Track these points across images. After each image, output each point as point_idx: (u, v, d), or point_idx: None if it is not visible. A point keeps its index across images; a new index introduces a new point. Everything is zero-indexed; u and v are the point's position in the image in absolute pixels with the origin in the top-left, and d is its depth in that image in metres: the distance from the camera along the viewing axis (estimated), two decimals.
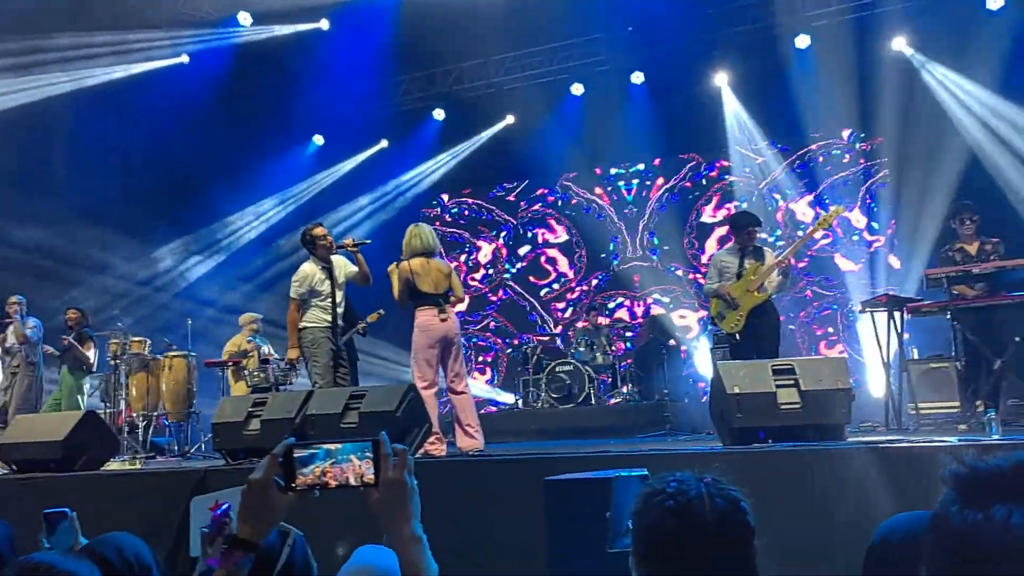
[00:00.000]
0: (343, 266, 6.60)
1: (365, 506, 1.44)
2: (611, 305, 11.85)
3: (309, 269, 6.45)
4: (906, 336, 6.91)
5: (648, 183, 11.92)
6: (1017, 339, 6.27)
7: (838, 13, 9.87)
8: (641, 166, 11.89)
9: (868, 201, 10.64)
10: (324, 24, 10.81)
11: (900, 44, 9.90)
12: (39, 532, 2.38)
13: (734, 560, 1.45)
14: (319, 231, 6.54)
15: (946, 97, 9.67)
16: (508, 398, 11.54)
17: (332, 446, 1.42)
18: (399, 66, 11.27)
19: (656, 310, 11.60)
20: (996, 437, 4.50)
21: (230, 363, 8.27)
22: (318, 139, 12.41)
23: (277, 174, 12.06)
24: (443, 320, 5.88)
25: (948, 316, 6.46)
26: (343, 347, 6.62)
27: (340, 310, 6.51)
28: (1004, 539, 0.69)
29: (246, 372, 8.08)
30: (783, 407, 4.54)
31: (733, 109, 10.90)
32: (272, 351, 8.73)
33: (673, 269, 11.59)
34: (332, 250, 6.53)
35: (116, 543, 2.08)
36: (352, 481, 1.41)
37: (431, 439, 5.52)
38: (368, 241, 6.76)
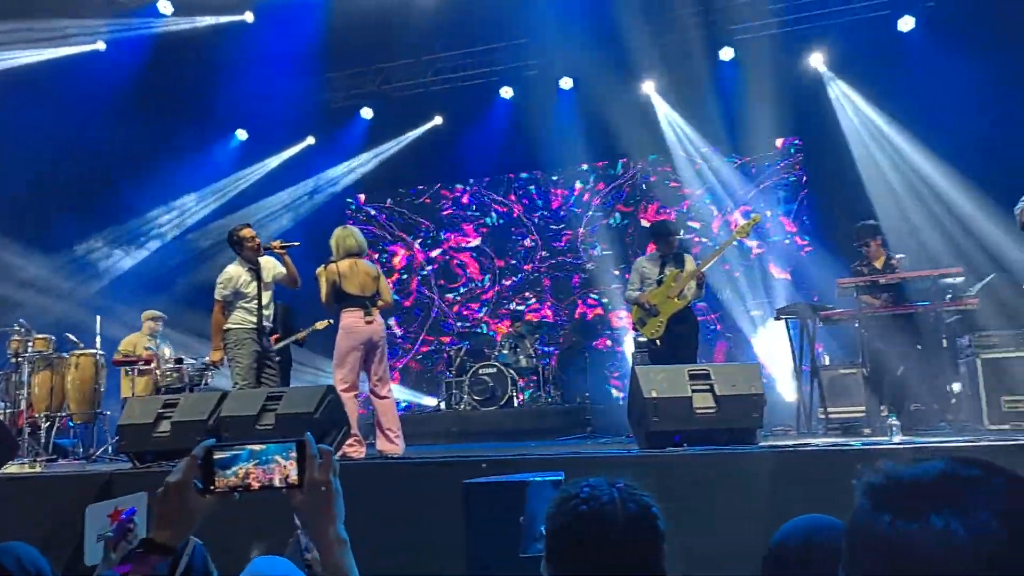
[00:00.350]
0: (271, 268, 6.49)
1: (273, 513, 1.41)
2: (518, 307, 11.90)
3: (234, 271, 6.33)
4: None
5: (588, 186, 12.04)
6: (919, 347, 6.58)
7: (762, 27, 10.14)
8: (585, 166, 11.94)
9: (799, 209, 10.95)
10: (249, 17, 10.55)
11: (817, 61, 10.26)
12: None
13: (644, 563, 1.49)
14: (246, 232, 6.42)
15: (838, 111, 10.17)
16: (430, 401, 11.54)
17: (256, 447, 1.39)
18: (327, 63, 11.07)
19: (594, 312, 11.74)
20: (897, 440, 4.69)
21: (141, 362, 7.99)
22: (241, 134, 12.13)
23: (198, 169, 11.73)
24: (368, 323, 5.84)
25: (856, 324, 6.72)
26: (273, 350, 6.54)
27: (268, 312, 6.43)
28: (944, 548, 0.73)
29: (157, 372, 7.82)
30: (698, 411, 4.65)
31: (667, 117, 11.07)
32: (172, 352, 8.47)
33: (611, 270, 11.68)
34: (259, 252, 6.42)
35: (15, 552, 2.01)
36: (277, 483, 1.39)
37: (350, 441, 5.47)
38: (297, 243, 6.62)
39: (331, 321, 7.65)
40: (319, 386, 5.46)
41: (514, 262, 12.24)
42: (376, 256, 12.49)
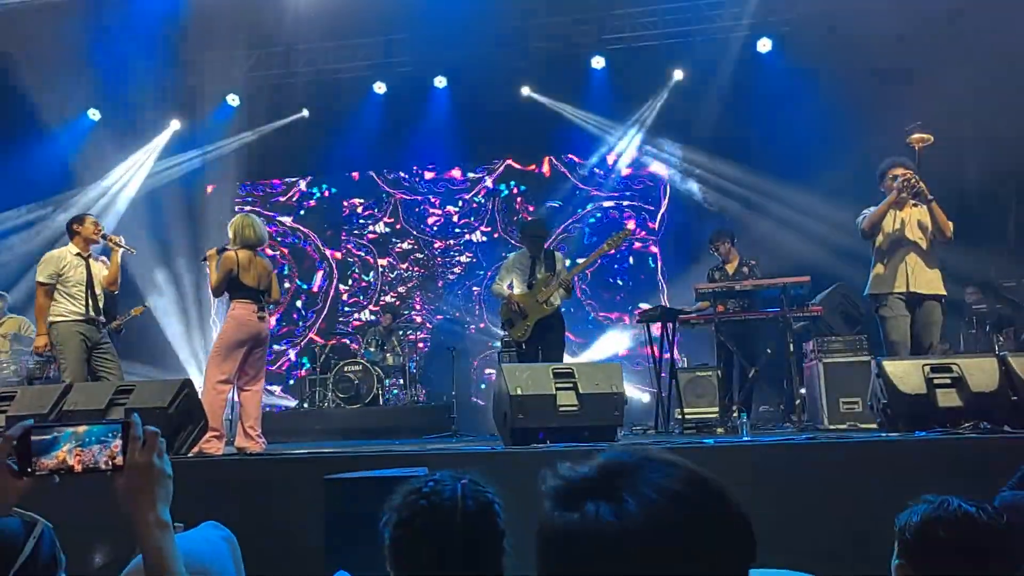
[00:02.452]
0: (97, 271, 6.38)
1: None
2: (390, 301, 11.84)
3: (59, 253, 6.22)
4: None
5: (461, 184, 12.04)
6: (768, 351, 6.97)
7: (632, 39, 10.46)
8: (459, 164, 11.94)
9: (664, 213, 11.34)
10: None
11: (678, 75, 10.70)
12: None
13: (480, 560, 1.53)
14: (88, 219, 6.38)
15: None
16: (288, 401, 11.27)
17: (79, 428, 1.37)
18: (193, 45, 10.55)
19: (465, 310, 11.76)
20: (746, 439, 4.94)
21: None
22: (93, 114, 11.38)
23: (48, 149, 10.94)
24: (260, 319, 5.77)
25: (712, 328, 7.05)
26: (105, 339, 6.25)
27: (100, 303, 6.25)
28: (593, 531, 0.83)
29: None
30: (562, 409, 4.74)
31: (541, 119, 11.14)
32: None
33: (483, 269, 11.70)
34: (96, 240, 6.33)
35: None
36: (102, 466, 1.37)
37: (207, 437, 5.26)
38: (134, 251, 6.56)
39: (145, 306, 7.50)
40: (174, 379, 5.22)
41: (383, 259, 12.11)
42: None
